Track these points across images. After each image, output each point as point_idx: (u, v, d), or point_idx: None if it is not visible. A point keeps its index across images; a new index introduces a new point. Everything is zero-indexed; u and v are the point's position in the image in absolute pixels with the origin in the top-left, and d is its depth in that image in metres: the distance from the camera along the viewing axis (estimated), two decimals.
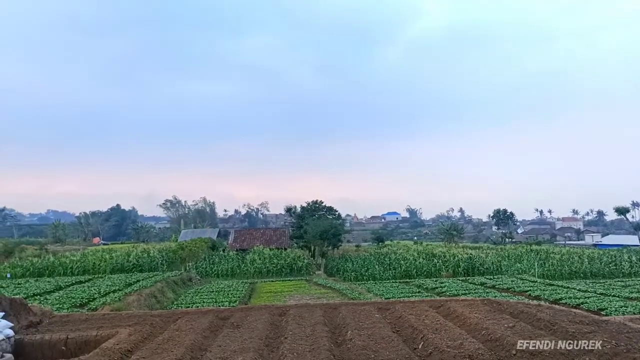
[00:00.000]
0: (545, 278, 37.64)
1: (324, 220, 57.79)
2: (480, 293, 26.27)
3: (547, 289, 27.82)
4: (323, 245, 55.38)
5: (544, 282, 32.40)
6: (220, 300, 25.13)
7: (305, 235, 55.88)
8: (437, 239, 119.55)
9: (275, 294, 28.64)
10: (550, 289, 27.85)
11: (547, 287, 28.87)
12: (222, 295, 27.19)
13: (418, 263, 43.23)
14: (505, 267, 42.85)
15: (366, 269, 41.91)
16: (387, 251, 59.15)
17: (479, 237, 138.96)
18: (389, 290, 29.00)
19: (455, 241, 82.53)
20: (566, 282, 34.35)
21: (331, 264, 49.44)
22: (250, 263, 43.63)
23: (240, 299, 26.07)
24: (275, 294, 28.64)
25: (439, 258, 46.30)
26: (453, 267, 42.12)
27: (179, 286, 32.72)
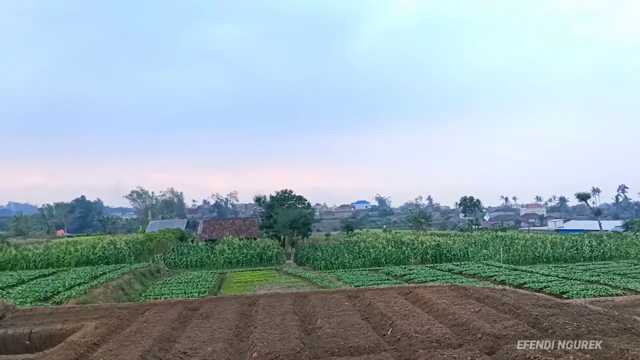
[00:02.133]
0: (510, 263, 38.59)
1: (293, 209, 57.80)
2: (447, 279, 26.77)
3: (512, 274, 28.53)
4: (293, 235, 55.45)
5: (509, 267, 33.20)
6: (189, 291, 24.93)
7: (275, 225, 55.82)
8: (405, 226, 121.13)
9: (245, 284, 28.58)
10: (515, 274, 28.56)
11: (512, 272, 29.61)
12: (191, 286, 26.98)
13: (387, 251, 43.69)
14: (472, 253, 43.73)
15: (336, 258, 42.16)
16: (357, 240, 59.58)
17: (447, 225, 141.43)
18: (358, 278, 29.27)
19: (423, 229, 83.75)
20: (530, 266, 35.31)
21: (301, 253, 49.50)
22: (219, 253, 43.43)
23: (210, 289, 25.91)
24: (245, 284, 28.58)
25: (408, 245, 46.88)
26: (421, 254, 42.76)
27: (147, 278, 32.30)
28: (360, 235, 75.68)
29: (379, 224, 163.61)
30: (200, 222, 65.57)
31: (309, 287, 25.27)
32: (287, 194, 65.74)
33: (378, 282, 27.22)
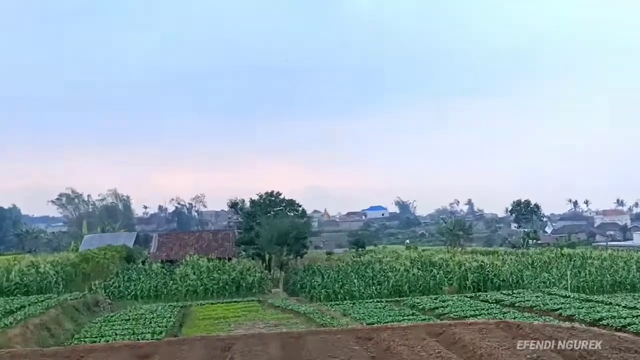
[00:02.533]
0: (580, 292, 38.60)
1: (282, 218, 57.74)
2: (494, 314, 26.78)
3: (583, 307, 28.54)
4: (282, 253, 55.39)
5: (579, 298, 33.21)
6: (139, 331, 24.90)
7: (258, 240, 55.73)
8: (437, 241, 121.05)
9: (216, 321, 28.54)
10: (587, 307, 28.57)
11: (583, 304, 29.62)
12: (142, 325, 26.96)
13: (412, 275, 43.71)
14: (528, 278, 43.73)
15: (341, 285, 42.12)
16: (370, 260, 59.53)
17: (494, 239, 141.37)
18: (372, 313, 29.26)
19: (461, 244, 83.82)
20: (608, 296, 35.31)
21: (293, 278, 49.32)
22: (181, 279, 43.42)
23: (168, 329, 25.91)
24: (216, 321, 28.54)
25: (440, 268, 46.75)
26: (458, 280, 42.75)
27: (81, 313, 32.31)
28: (375, 253, 75.51)
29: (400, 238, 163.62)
30: (154, 236, 65.46)
31: (303, 326, 25.25)
32: (274, 198, 65.68)
33: (399, 318, 27.22)
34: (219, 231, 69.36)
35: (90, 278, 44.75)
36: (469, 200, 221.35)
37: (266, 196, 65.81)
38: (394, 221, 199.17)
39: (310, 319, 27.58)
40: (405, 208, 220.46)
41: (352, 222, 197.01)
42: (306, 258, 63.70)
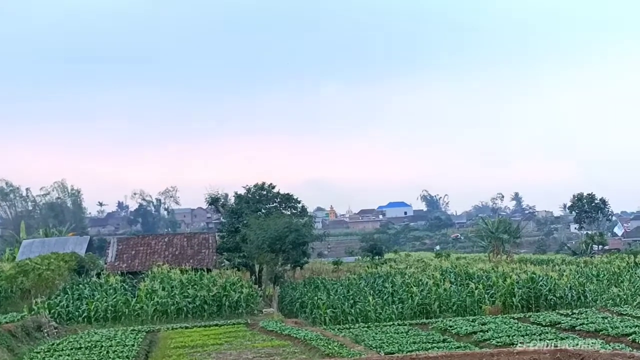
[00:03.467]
0: None
1: (277, 218, 57.76)
2: (549, 340, 26.73)
3: None
4: (276, 263, 55.47)
5: None
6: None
7: (245, 246, 55.83)
8: (475, 247, 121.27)
9: (192, 350, 28.52)
10: None
11: None
12: (98, 356, 26.94)
13: (443, 291, 43.81)
14: (592, 294, 43.71)
15: (352, 303, 42.20)
16: (389, 271, 59.68)
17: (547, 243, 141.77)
18: (392, 340, 29.24)
19: (506, 251, 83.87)
20: None
21: (291, 294, 49.42)
22: (147, 297, 43.41)
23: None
24: (192, 350, 28.52)
25: (479, 281, 46.77)
26: (503, 297, 42.74)
27: (19, 340, 32.33)
28: (396, 262, 75.84)
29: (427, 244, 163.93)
30: (112, 241, 65.39)
31: (304, 356, 25.25)
32: (266, 192, 65.77)
33: (427, 346, 27.19)
34: (195, 234, 69.22)
35: (31, 295, 44.70)
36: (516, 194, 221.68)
37: (256, 189, 65.85)
38: (420, 221, 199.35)
39: (313, 347, 27.55)
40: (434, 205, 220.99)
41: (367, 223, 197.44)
42: (307, 269, 63.90)
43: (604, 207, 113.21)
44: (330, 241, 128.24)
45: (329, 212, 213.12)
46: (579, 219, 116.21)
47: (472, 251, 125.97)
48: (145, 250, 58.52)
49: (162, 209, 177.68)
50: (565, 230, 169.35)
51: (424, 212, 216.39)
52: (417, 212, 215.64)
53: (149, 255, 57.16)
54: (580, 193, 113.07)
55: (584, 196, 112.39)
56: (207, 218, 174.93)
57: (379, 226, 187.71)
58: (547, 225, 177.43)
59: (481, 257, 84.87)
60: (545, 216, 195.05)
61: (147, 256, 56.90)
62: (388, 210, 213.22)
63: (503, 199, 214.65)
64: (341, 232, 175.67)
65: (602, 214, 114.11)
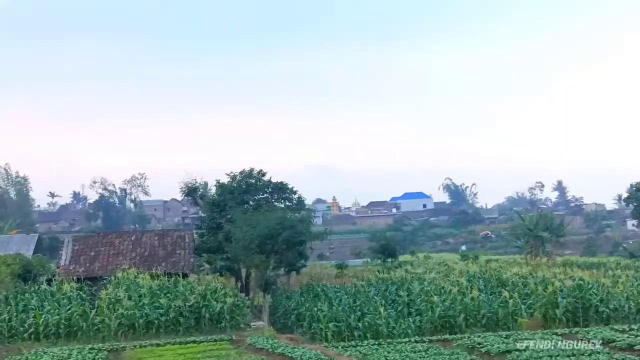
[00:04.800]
0: None
1: (268, 212, 57.72)
2: None
3: None
4: (267, 267, 55.45)
5: None
6: None
7: (229, 246, 55.82)
8: (509, 247, 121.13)
9: None
10: None
11: None
12: None
13: (470, 300, 43.76)
14: None
15: (360, 316, 42.09)
16: (405, 276, 59.62)
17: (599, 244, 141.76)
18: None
19: (547, 252, 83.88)
20: None
21: (285, 305, 49.40)
22: (109, 308, 43.28)
23: None
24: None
25: (515, 289, 46.70)
26: (544, 308, 42.63)
27: None
28: (413, 266, 75.88)
29: (451, 243, 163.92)
30: (66, 240, 65.29)
31: None
32: (255, 180, 65.66)
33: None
34: (168, 232, 69.17)
35: None
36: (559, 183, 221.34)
37: (242, 177, 65.75)
38: (443, 216, 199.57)
39: None
40: (459, 196, 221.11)
41: (377, 218, 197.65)
42: (305, 274, 63.92)
43: None
44: (333, 240, 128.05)
45: (332, 205, 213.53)
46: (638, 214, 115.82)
47: (505, 252, 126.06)
48: (107, 251, 58.26)
49: (128, 200, 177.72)
50: (621, 228, 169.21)
51: (447, 204, 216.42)
52: (438, 204, 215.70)
53: (112, 257, 56.95)
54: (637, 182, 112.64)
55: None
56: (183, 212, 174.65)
57: (392, 222, 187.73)
58: (597, 221, 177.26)
59: (517, 260, 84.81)
60: (595, 210, 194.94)
61: (110, 258, 56.71)
62: (403, 202, 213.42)
63: (543, 189, 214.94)
64: (346, 229, 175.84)
65: None
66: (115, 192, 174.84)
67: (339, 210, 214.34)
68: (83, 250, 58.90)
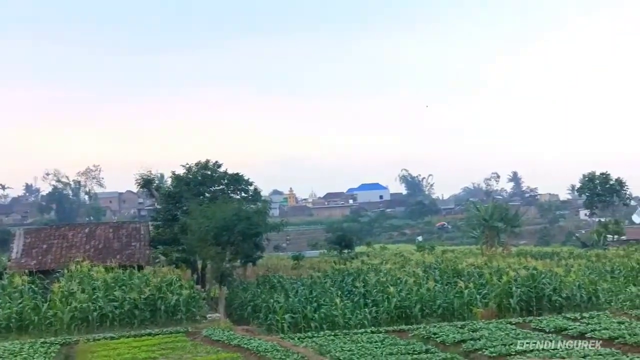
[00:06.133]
0: None
1: (224, 204, 57.63)
2: (554, 350, 26.95)
3: None
4: (223, 258, 55.37)
5: None
6: None
7: (185, 238, 55.69)
8: (465, 237, 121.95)
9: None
10: None
11: None
12: None
13: (426, 291, 43.96)
14: (606, 294, 44.04)
15: (316, 307, 42.21)
16: (361, 267, 59.80)
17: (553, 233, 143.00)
18: (364, 351, 29.27)
19: (502, 242, 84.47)
20: None
21: (241, 296, 49.38)
22: (62, 301, 42.95)
23: None
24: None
25: (470, 279, 47.01)
26: (498, 298, 42.95)
27: None
28: (369, 257, 76.06)
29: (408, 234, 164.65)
30: (17, 232, 64.75)
31: None
32: (211, 171, 65.53)
33: (406, 357, 27.30)
34: (123, 224, 68.68)
35: None
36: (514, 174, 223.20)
37: (198, 169, 65.62)
38: (399, 207, 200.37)
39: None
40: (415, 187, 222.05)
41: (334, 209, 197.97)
42: (261, 265, 63.94)
43: (620, 189, 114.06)
44: (289, 231, 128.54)
45: (288, 196, 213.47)
46: (590, 204, 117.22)
47: (461, 243, 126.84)
48: (60, 244, 57.74)
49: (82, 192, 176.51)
50: (574, 218, 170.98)
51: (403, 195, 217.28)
52: (394, 195, 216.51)
53: (66, 249, 56.45)
54: (592, 172, 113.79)
55: (596, 176, 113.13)
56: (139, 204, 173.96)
57: (349, 213, 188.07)
58: (551, 211, 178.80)
59: (472, 250, 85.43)
60: (549, 200, 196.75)
61: (63, 251, 56.21)
62: (360, 193, 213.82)
63: (499, 180, 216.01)
64: (303, 221, 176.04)
65: (619, 197, 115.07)
66: (69, 184, 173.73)
67: (295, 201, 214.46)
68: (35, 243, 58.37)
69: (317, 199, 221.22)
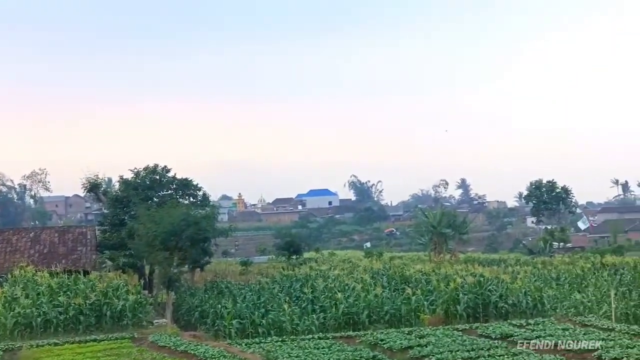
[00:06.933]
0: (631, 322, 39.29)
1: (172, 209, 57.35)
2: (499, 356, 27.16)
3: (635, 346, 29.11)
4: (171, 264, 55.12)
5: (628, 332, 33.90)
6: None
7: (133, 243, 55.39)
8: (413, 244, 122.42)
9: None
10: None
11: (636, 342, 30.21)
12: None
13: (373, 297, 44.00)
14: (551, 301, 44.40)
15: (264, 312, 42.17)
16: (309, 273, 59.82)
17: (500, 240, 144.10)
18: (312, 357, 29.21)
19: (450, 249, 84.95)
20: None
21: (189, 302, 49.16)
22: (5, 306, 42.44)
23: None
24: None
25: (418, 285, 47.17)
26: (445, 304, 43.08)
27: None
28: (318, 263, 76.05)
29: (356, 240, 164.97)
30: None
31: None
32: (160, 176, 65.28)
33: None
34: (69, 228, 68.29)
35: None
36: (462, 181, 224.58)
37: (146, 173, 65.34)
38: (348, 213, 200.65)
39: None
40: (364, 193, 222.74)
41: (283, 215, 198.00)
42: (209, 270, 63.72)
43: (566, 197, 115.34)
44: (238, 237, 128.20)
45: (237, 202, 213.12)
46: (536, 211, 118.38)
47: (409, 249, 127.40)
48: (3, 249, 57.19)
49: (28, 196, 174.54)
50: (521, 225, 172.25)
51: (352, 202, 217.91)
52: (343, 201, 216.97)
53: (9, 254, 55.94)
54: (538, 180, 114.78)
55: (542, 184, 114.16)
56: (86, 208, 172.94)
57: (298, 219, 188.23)
58: (499, 218, 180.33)
59: (420, 257, 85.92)
60: (497, 208, 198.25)
61: (7, 255, 55.68)
62: (309, 199, 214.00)
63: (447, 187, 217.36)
64: (252, 226, 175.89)
65: (564, 205, 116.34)
66: (13, 188, 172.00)
67: (244, 207, 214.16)
68: None
69: (266, 204, 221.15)
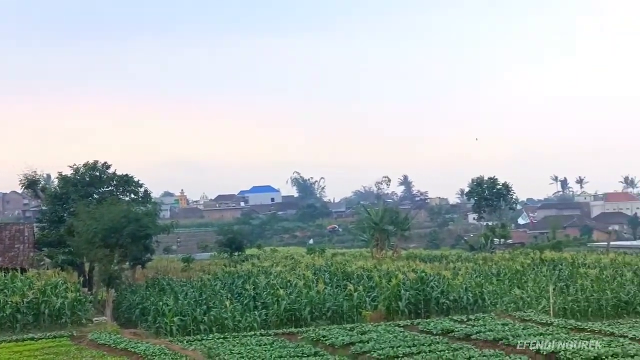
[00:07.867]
0: (569, 316, 39.85)
1: (112, 205, 56.97)
2: (440, 351, 27.35)
3: (572, 340, 29.48)
4: (111, 261, 54.71)
5: (566, 326, 34.32)
6: None
7: (72, 240, 54.90)
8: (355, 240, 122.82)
9: None
10: (579, 339, 29.46)
11: (573, 336, 30.58)
12: None
13: (315, 293, 44.15)
14: (491, 296, 44.79)
15: (206, 309, 42.19)
16: (251, 269, 59.76)
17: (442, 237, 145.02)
18: (254, 353, 29.27)
19: (392, 246, 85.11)
20: (609, 323, 36.57)
21: (129, 299, 48.90)
22: None
23: None
24: None
25: (359, 282, 47.30)
26: (387, 300, 43.23)
27: None
28: (260, 259, 75.96)
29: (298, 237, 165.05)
30: None
31: None
32: (100, 172, 64.77)
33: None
34: (6, 225, 67.50)
35: None
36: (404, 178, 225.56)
37: (86, 170, 64.73)
38: (291, 210, 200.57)
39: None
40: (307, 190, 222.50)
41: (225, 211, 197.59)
42: (151, 267, 63.34)
43: (507, 193, 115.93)
44: (180, 233, 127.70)
45: (179, 198, 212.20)
46: (478, 208, 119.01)
47: (352, 246, 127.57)
48: None
49: None
50: (463, 221, 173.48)
51: (294, 198, 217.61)
52: (286, 198, 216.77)
53: None
54: (480, 177, 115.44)
55: (484, 180, 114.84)
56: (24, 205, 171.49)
57: (240, 215, 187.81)
58: (441, 214, 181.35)
59: (362, 253, 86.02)
60: (439, 204, 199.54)
61: None
62: (251, 196, 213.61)
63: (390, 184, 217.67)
64: (194, 223, 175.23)
65: (505, 201, 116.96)
66: None
67: (187, 203, 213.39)
68: None
69: (208, 201, 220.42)
